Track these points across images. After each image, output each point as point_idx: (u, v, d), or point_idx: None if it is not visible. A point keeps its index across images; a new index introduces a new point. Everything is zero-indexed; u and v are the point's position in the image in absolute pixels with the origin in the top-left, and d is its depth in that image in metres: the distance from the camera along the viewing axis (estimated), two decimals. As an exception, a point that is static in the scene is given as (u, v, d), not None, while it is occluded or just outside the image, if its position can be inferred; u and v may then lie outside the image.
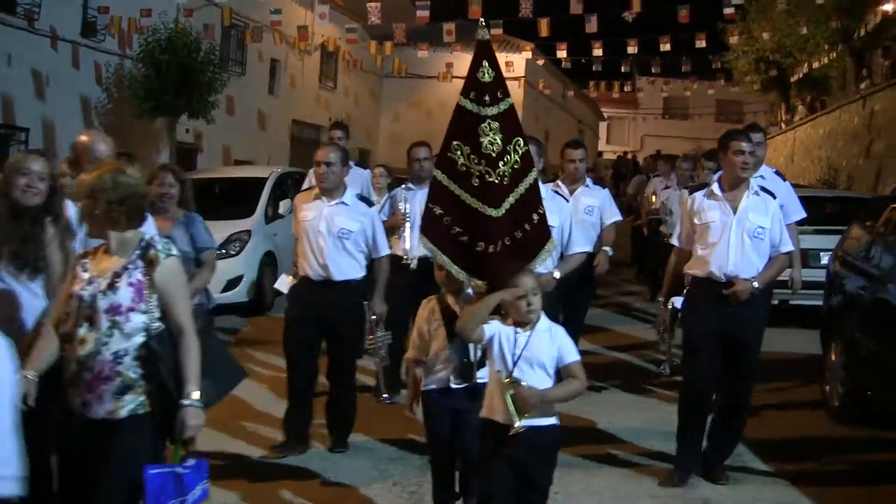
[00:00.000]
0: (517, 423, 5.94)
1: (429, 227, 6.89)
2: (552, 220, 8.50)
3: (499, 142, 6.66)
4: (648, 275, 20.93)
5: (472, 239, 6.71)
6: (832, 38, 35.90)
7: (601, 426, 10.65)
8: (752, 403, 9.41)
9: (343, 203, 9.61)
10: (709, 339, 8.66)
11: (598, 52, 33.66)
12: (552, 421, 6.21)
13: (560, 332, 6.31)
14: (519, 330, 6.17)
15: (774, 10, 34.10)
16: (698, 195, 8.94)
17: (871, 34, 33.72)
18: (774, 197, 8.91)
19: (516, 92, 45.92)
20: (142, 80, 26.81)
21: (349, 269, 9.59)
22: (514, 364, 6.09)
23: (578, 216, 11.34)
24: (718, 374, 8.78)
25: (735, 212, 8.62)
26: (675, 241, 9.34)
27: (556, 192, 10.54)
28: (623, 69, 39.13)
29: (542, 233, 6.95)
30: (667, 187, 18.73)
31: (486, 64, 6.75)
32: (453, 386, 6.99)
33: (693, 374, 8.87)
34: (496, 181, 6.65)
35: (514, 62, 43.94)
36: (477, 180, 6.68)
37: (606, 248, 12.29)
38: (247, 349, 14.55)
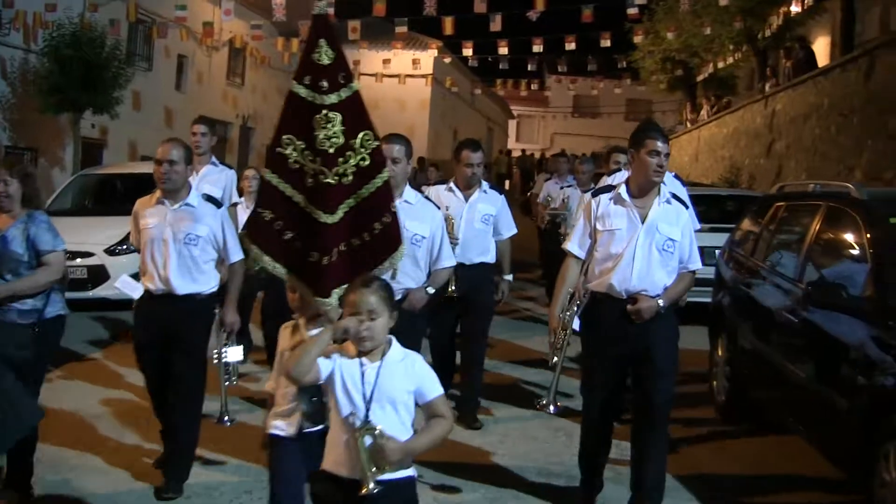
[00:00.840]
0: (371, 484, 4.98)
1: (258, 234, 5.94)
2: (421, 228, 8.40)
3: (339, 136, 5.77)
4: (547, 277, 19.55)
5: (305, 248, 5.81)
6: (737, 39, 36.41)
7: (497, 458, 9.72)
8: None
9: (188, 205, 8.49)
10: (610, 363, 7.85)
11: (503, 50, 33.90)
12: (409, 472, 5.27)
13: (418, 361, 5.33)
14: (365, 362, 5.19)
15: (678, 11, 34.48)
16: (603, 198, 7.92)
17: (775, 35, 34.29)
18: (687, 207, 8.01)
19: (423, 90, 46.30)
20: (46, 76, 26.80)
21: (195, 281, 8.48)
22: (368, 406, 5.10)
23: (475, 224, 10.69)
24: (632, 399, 8.10)
25: (643, 221, 7.67)
26: (568, 247, 8.14)
27: (432, 199, 9.50)
28: (530, 67, 39.39)
29: (390, 240, 6.03)
30: (563, 187, 18.26)
31: (324, 43, 5.82)
32: (305, 430, 5.96)
33: (593, 401, 8.07)
34: (332, 182, 5.76)
35: (422, 59, 44.26)
36: (311, 180, 5.79)
37: (508, 277, 11.48)
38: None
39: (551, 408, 9.66)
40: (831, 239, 9.33)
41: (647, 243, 7.64)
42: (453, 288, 10.21)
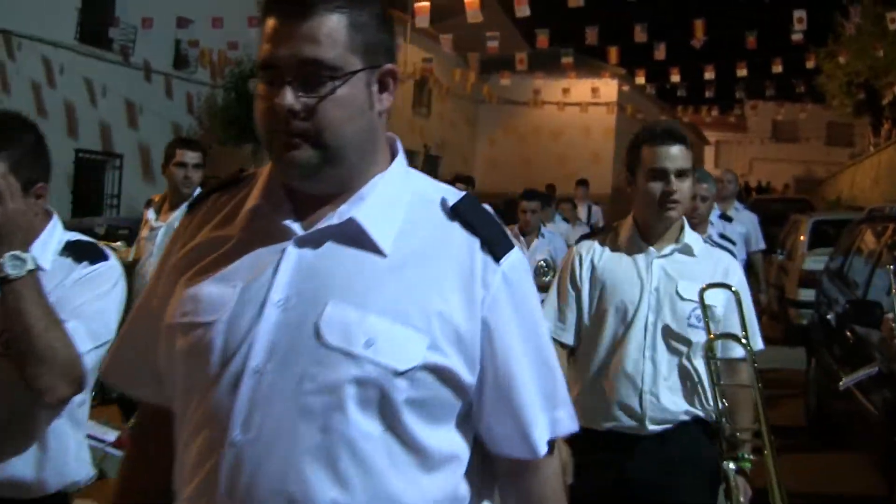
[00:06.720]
0: None
1: None
2: None
3: None
4: None
5: None
6: (915, 62, 35.78)
7: None
8: None
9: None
10: None
11: (675, 78, 33.92)
12: None
13: None
14: None
15: (846, 35, 34.15)
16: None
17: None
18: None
19: (607, 118, 45.79)
20: (225, 109, 28.46)
21: None
22: None
23: None
24: None
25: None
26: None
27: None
28: (707, 94, 39.09)
29: None
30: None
31: None
32: None
33: None
34: None
35: (602, 88, 43.82)
36: None
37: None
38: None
39: None
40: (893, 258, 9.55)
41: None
42: None
